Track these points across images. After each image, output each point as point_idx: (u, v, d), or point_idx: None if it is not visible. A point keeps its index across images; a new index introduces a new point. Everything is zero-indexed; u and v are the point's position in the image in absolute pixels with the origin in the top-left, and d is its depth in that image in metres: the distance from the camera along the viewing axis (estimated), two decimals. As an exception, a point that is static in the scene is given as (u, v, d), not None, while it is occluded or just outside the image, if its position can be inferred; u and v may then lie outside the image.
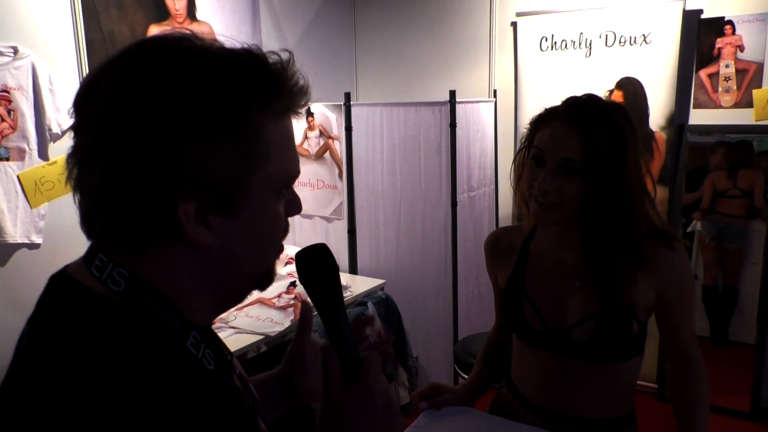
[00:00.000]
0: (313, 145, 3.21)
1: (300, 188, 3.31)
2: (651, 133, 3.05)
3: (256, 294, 2.76)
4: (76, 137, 0.57)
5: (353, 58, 3.93)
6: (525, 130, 1.26)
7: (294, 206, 0.67)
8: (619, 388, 1.29)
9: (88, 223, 0.59)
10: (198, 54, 0.57)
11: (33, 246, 2.18)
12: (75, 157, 0.57)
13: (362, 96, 3.95)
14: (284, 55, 0.61)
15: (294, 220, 3.40)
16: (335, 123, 3.13)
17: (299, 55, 0.63)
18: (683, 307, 1.25)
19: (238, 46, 0.60)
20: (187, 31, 0.60)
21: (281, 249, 0.67)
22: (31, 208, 2.14)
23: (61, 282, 0.60)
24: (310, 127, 3.19)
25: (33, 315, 0.59)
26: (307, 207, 3.33)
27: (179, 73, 0.55)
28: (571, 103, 1.18)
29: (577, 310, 1.23)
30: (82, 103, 0.57)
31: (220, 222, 0.58)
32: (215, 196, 0.57)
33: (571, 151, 1.13)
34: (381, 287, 3.04)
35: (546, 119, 1.19)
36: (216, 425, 0.56)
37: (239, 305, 2.61)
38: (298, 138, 3.25)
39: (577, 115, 1.14)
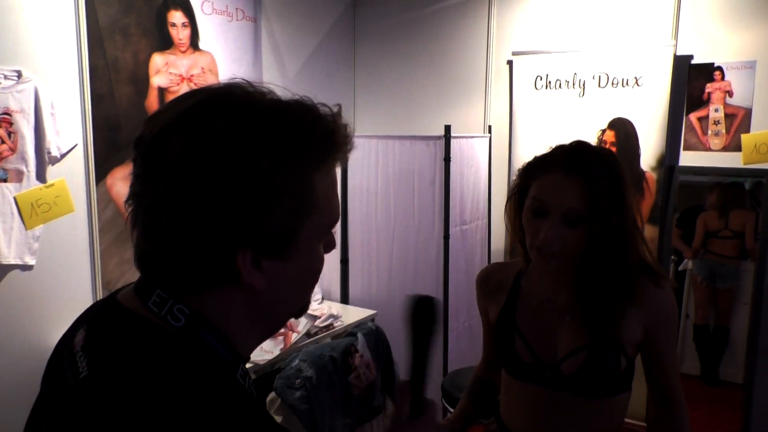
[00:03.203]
0: (309, 174, 3.25)
1: (294, 217, 3.33)
2: (642, 173, 3.10)
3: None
4: (140, 184, 0.61)
5: (352, 91, 3.99)
6: (518, 171, 1.28)
7: (330, 245, 0.72)
8: (607, 423, 1.29)
9: (145, 261, 0.63)
10: (263, 110, 0.62)
11: (26, 267, 2.18)
12: (138, 202, 0.61)
13: (360, 128, 4.00)
14: (335, 108, 0.66)
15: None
16: (331, 153, 3.16)
17: (297, 86, 0.67)
18: (669, 345, 1.27)
19: (288, 96, 0.65)
20: (243, 81, 0.64)
21: (316, 283, 0.73)
22: (26, 229, 2.15)
23: (121, 315, 0.63)
24: (307, 157, 3.23)
25: (89, 344, 0.61)
26: (300, 235, 3.34)
27: (248, 131, 0.59)
28: (569, 152, 1.20)
29: (567, 343, 1.25)
30: (150, 153, 0.60)
31: (272, 266, 0.62)
32: (271, 244, 0.62)
33: (575, 201, 1.15)
34: (372, 318, 3.04)
35: (543, 168, 1.20)
36: None
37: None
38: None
39: (578, 165, 1.16)
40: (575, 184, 1.15)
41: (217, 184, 0.58)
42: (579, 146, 1.22)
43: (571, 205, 1.15)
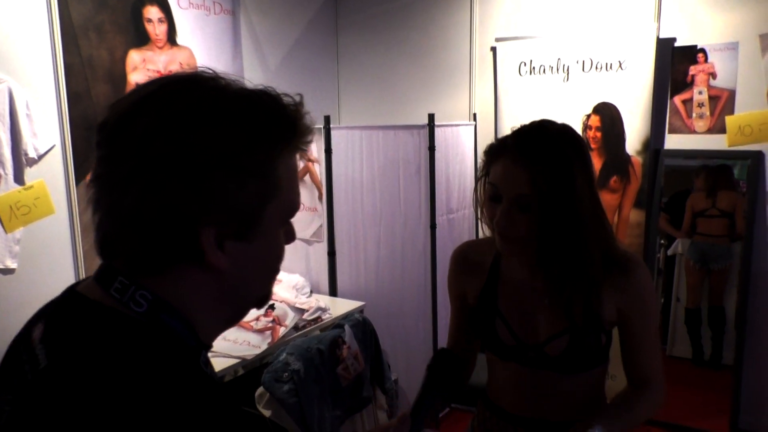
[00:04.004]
0: (293, 167, 3.23)
1: (281, 210, 3.32)
2: (627, 157, 3.09)
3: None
4: (104, 165, 0.62)
5: (336, 81, 3.97)
6: (483, 153, 1.27)
7: (291, 235, 0.74)
8: (590, 392, 1.32)
9: (107, 244, 0.64)
10: (228, 94, 0.64)
11: (8, 271, 2.17)
12: (101, 183, 0.62)
13: (345, 119, 3.98)
14: (296, 98, 0.68)
15: (275, 242, 3.40)
16: (315, 146, 3.15)
17: (280, 79, 0.68)
18: (645, 329, 1.28)
19: (251, 86, 0.67)
20: (210, 71, 0.66)
21: (278, 272, 0.74)
22: (6, 233, 2.14)
23: (80, 303, 0.63)
24: (291, 150, 3.21)
25: (47, 335, 0.62)
26: (287, 229, 3.34)
27: (212, 113, 0.61)
28: (519, 137, 1.20)
29: (549, 326, 1.27)
30: (115, 134, 0.61)
31: (235, 247, 0.64)
32: (234, 224, 0.63)
33: (522, 187, 1.15)
34: (361, 309, 3.04)
35: (497, 153, 1.21)
36: None
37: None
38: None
39: (524, 151, 1.16)
40: (523, 170, 1.15)
41: (182, 163, 0.59)
42: (532, 129, 1.21)
43: (520, 191, 1.15)
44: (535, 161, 1.14)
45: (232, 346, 2.54)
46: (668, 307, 3.56)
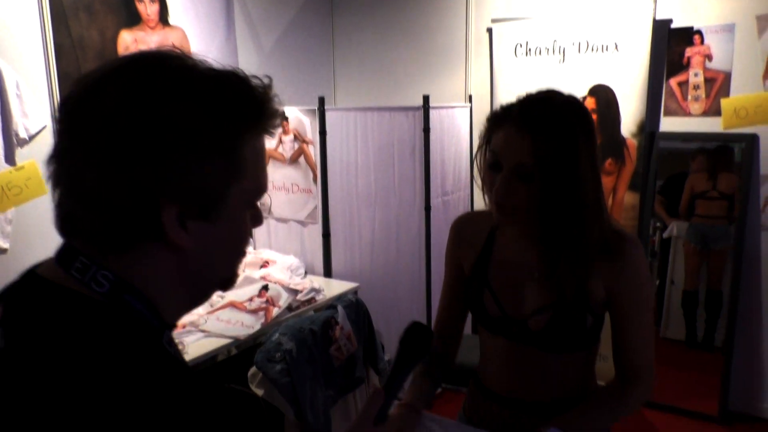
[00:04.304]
0: (287, 149, 3.23)
1: (275, 192, 3.32)
2: (623, 140, 3.09)
3: (228, 297, 2.75)
4: (66, 141, 0.61)
5: (331, 63, 3.95)
6: (485, 121, 1.24)
7: (257, 219, 0.74)
8: (576, 376, 1.30)
9: (68, 222, 0.63)
10: (194, 73, 0.63)
11: (0, 251, 2.18)
12: (61, 158, 0.61)
13: (341, 100, 3.97)
14: (265, 80, 0.67)
15: (269, 224, 3.42)
16: (309, 127, 3.15)
17: (274, 60, 0.68)
18: (636, 314, 1.23)
19: (220, 66, 0.66)
20: (177, 51, 0.65)
21: (244, 255, 0.74)
22: (-1, 212, 2.15)
23: (39, 285, 0.62)
24: (285, 131, 3.21)
25: (6, 318, 0.61)
26: (281, 211, 3.34)
27: (178, 90, 0.61)
28: (525, 105, 1.16)
29: (534, 300, 1.25)
30: (78, 109, 0.61)
31: (198, 227, 0.63)
32: (197, 203, 0.63)
33: (524, 157, 1.11)
34: (355, 291, 3.06)
35: (500, 121, 1.17)
36: (198, 417, 0.59)
37: (211, 309, 2.63)
38: (272, 142, 3.26)
39: (529, 120, 1.12)
40: (526, 138, 1.11)
41: (144, 140, 0.58)
42: (539, 98, 1.17)
43: (521, 160, 1.11)
44: (540, 130, 1.10)
45: (226, 326, 2.56)
46: (663, 289, 3.57)
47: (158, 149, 0.59)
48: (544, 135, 1.10)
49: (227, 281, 0.72)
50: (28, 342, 0.58)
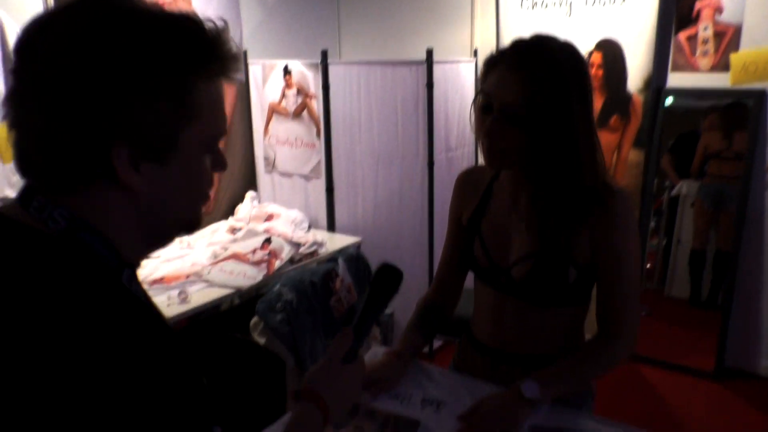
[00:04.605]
0: (290, 103, 3.23)
1: (279, 146, 3.34)
2: (628, 96, 3.04)
3: (231, 249, 2.79)
4: (16, 81, 0.62)
5: (336, 16, 3.90)
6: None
7: (219, 163, 0.74)
8: (559, 334, 1.31)
9: (24, 162, 0.64)
10: (141, 15, 0.62)
11: (7, 200, 2.23)
12: (14, 99, 0.62)
13: (346, 54, 3.93)
14: (219, 23, 0.67)
15: (274, 179, 3.44)
16: (313, 81, 3.13)
17: (278, 13, 0.67)
18: (620, 269, 1.22)
19: (175, 11, 0.66)
20: None
21: (207, 198, 0.74)
22: (4, 163, 2.19)
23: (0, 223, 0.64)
24: (288, 86, 3.20)
25: None
26: (285, 165, 3.36)
27: (123, 31, 0.60)
28: (518, 47, 1.15)
29: (519, 249, 1.26)
30: (25, 49, 0.61)
31: (150, 169, 0.64)
32: (147, 146, 0.63)
33: (514, 99, 1.11)
34: (357, 245, 3.10)
35: (494, 63, 1.16)
36: (150, 351, 0.61)
37: (215, 260, 2.68)
38: (276, 95, 3.26)
39: (521, 62, 1.11)
40: (517, 81, 1.10)
41: (88, 79, 0.59)
42: (532, 41, 1.16)
43: (510, 101, 1.11)
44: (530, 72, 1.10)
45: (229, 277, 2.61)
46: (669, 249, 3.57)
47: (105, 90, 0.59)
48: (534, 76, 1.10)
49: (189, 224, 0.73)
50: None
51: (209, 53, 0.65)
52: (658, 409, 2.89)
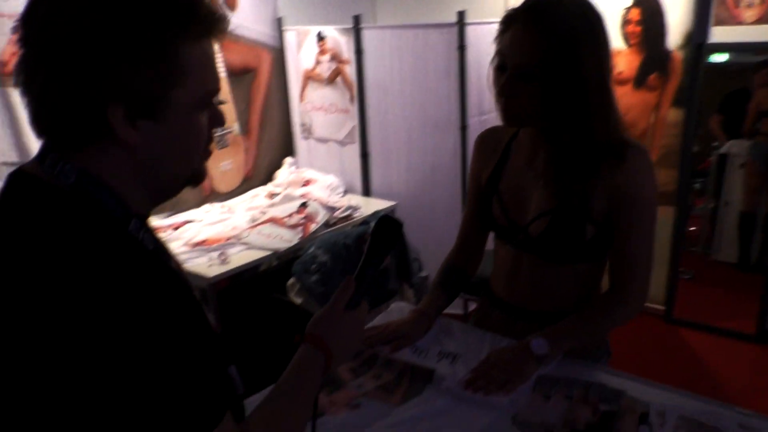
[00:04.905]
0: (324, 69, 3.27)
1: (313, 112, 3.40)
2: (668, 53, 2.96)
3: (269, 213, 2.89)
4: (23, 49, 0.68)
5: (371, -21, 3.88)
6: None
7: (216, 120, 0.78)
8: (579, 287, 1.33)
9: (36, 123, 0.71)
10: None
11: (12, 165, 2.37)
12: (22, 66, 0.68)
13: (382, 19, 3.92)
14: None
15: (310, 144, 3.51)
16: (346, 47, 3.16)
17: None
18: (634, 224, 1.23)
19: None
20: None
21: (208, 154, 0.80)
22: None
23: (19, 178, 0.72)
24: (322, 51, 3.24)
25: None
26: (320, 131, 3.42)
27: None
28: (529, 5, 1.15)
29: (536, 207, 1.28)
30: (26, 18, 0.68)
31: (146, 126, 0.69)
32: (140, 104, 0.68)
33: (526, 57, 1.12)
34: (392, 209, 3.15)
35: (507, 22, 1.17)
36: (153, 296, 0.67)
37: (253, 224, 2.78)
38: (310, 62, 3.30)
39: (531, 20, 1.12)
40: (529, 40, 1.12)
41: (77, 45, 0.64)
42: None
43: (523, 60, 1.12)
44: (542, 30, 1.11)
45: (266, 239, 2.72)
46: (716, 211, 3.48)
47: (93, 54, 0.64)
48: (546, 34, 1.10)
49: (191, 178, 0.78)
50: (4, 226, 0.68)
51: (191, 15, 0.69)
52: (697, 371, 2.88)
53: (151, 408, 0.63)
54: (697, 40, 2.89)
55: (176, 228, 2.82)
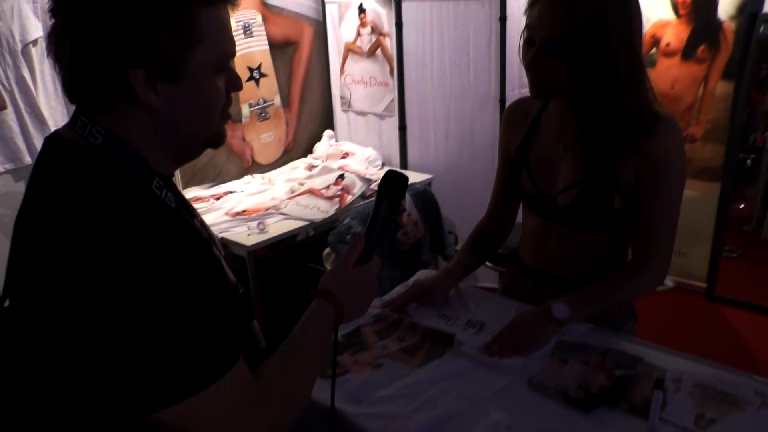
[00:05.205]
0: (365, 42, 3.28)
1: (354, 85, 3.42)
2: (719, 23, 2.85)
3: (307, 185, 2.96)
4: (52, 18, 0.74)
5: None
6: None
7: (234, 83, 0.83)
8: (606, 256, 1.34)
9: (67, 89, 0.77)
10: None
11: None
12: (52, 35, 0.74)
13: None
14: None
15: (349, 117, 3.54)
16: (386, 19, 3.16)
17: None
18: (659, 198, 1.23)
19: None
20: None
21: (226, 117, 0.84)
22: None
23: (54, 140, 0.79)
24: (362, 24, 3.24)
25: (33, 168, 0.79)
26: (360, 104, 3.44)
27: None
28: None
29: (565, 178, 1.29)
30: None
31: (166, 89, 0.74)
32: (159, 67, 0.72)
33: (554, 30, 1.13)
34: (429, 182, 3.17)
35: None
36: (172, 247, 0.72)
37: (291, 195, 2.84)
38: (351, 35, 3.32)
39: None
40: (557, 13, 1.12)
41: (100, 12, 0.69)
42: None
43: (550, 33, 1.13)
44: (570, 3, 1.11)
45: (304, 210, 2.78)
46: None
47: (112, 19, 0.69)
48: (574, 8, 1.10)
49: (211, 140, 0.83)
50: (40, 184, 0.76)
51: None
52: (737, 349, 2.83)
53: (164, 345, 0.69)
54: (750, 9, 2.77)
55: (218, 198, 2.91)
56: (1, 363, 0.76)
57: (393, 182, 0.94)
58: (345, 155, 3.29)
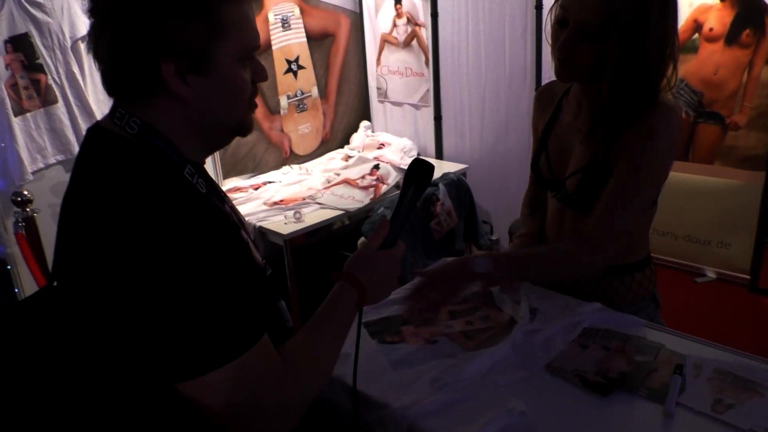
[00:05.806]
0: (401, 32, 3.30)
1: (390, 76, 3.45)
2: (764, 6, 2.75)
3: (343, 175, 3.01)
4: (91, 17, 0.80)
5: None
6: None
7: (259, 74, 0.88)
8: None
9: (106, 83, 0.84)
10: None
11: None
12: (91, 33, 0.81)
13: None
14: None
15: (385, 108, 3.57)
16: (422, 9, 3.17)
17: None
18: (625, 175, 1.18)
19: None
20: None
21: (254, 107, 0.90)
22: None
23: (95, 131, 0.86)
24: (398, 15, 3.27)
25: (77, 157, 0.86)
26: (395, 95, 3.47)
27: None
28: None
29: (575, 162, 1.29)
30: None
31: (195, 81, 0.80)
32: (189, 60, 0.78)
33: (591, 14, 1.10)
34: (463, 172, 3.17)
35: None
36: (201, 229, 0.78)
37: (327, 185, 2.90)
38: (387, 26, 3.34)
39: None
40: None
41: (133, 8, 0.75)
42: None
43: (587, 18, 1.10)
44: None
45: (339, 200, 2.83)
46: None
47: (145, 15, 0.75)
48: None
49: (239, 129, 0.88)
50: (83, 171, 0.82)
51: None
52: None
53: (192, 318, 0.74)
54: (798, -9, 2.67)
55: (256, 188, 2.99)
56: (53, 337, 0.84)
57: (419, 170, 0.97)
58: (381, 146, 3.33)
